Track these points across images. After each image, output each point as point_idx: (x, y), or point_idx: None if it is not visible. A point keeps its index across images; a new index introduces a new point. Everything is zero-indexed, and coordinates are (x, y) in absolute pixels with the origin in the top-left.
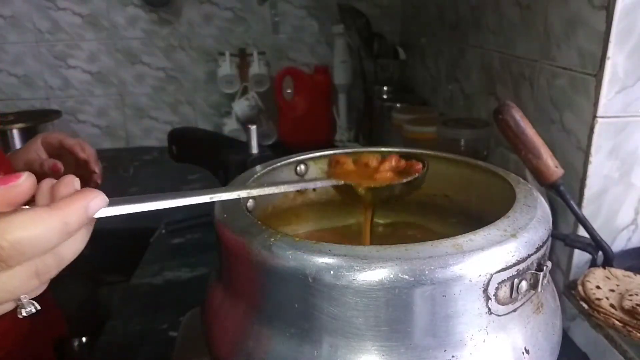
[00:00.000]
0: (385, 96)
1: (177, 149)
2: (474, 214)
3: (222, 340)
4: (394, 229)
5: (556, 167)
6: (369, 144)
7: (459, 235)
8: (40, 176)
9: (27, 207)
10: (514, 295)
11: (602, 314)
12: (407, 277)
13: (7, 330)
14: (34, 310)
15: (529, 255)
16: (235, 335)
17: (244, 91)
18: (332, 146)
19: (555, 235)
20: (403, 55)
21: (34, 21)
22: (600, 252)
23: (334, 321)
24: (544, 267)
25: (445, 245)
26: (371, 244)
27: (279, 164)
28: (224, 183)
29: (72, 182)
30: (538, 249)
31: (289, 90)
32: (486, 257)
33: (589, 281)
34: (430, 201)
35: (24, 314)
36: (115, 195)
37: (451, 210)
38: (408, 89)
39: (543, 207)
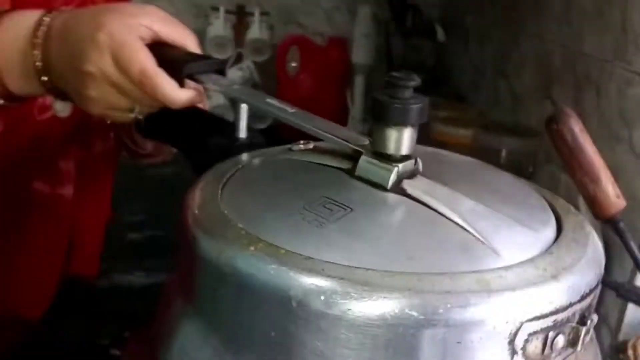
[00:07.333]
0: None
1: (146, 121)
2: None
3: None
4: None
5: (617, 197)
6: None
7: (487, 269)
8: None
9: None
10: (546, 351)
11: None
12: (415, 313)
13: None
14: None
15: (571, 304)
16: None
17: (238, 59)
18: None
19: (607, 282)
20: (442, 36)
21: None
22: None
23: (318, 359)
24: (588, 321)
25: (468, 279)
26: None
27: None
28: (200, 170)
29: None
30: (583, 298)
31: (294, 64)
32: (517, 300)
33: None
34: None
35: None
36: None
37: None
38: (443, 79)
39: (595, 245)
